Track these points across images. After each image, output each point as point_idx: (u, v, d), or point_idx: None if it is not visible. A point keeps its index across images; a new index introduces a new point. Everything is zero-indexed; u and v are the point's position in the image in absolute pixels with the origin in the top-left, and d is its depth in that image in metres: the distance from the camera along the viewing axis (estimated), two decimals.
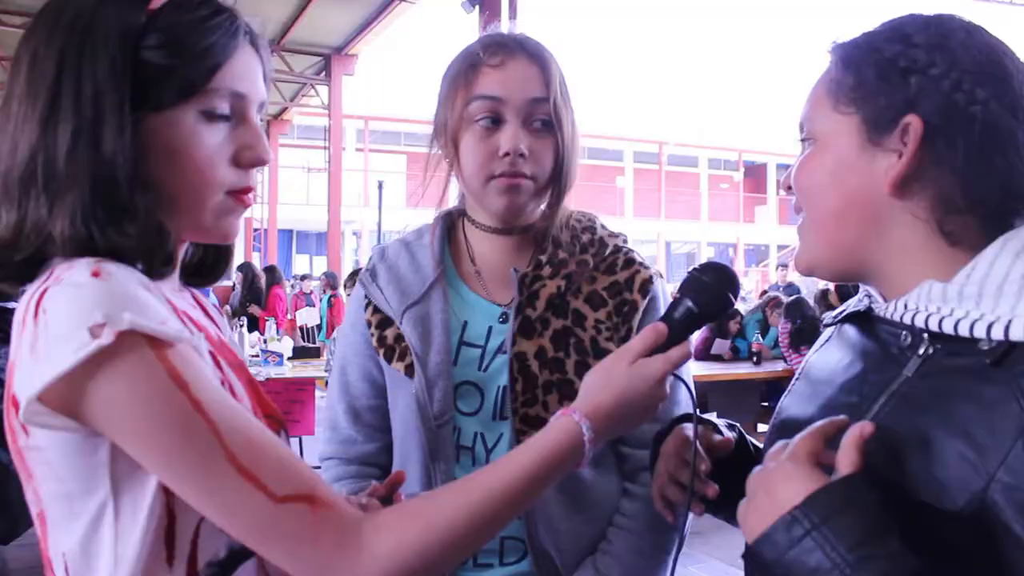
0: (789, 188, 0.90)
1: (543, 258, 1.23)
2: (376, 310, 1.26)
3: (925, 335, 0.80)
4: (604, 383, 0.89)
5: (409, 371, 1.20)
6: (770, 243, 26.90)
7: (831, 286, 7.01)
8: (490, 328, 1.22)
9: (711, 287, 0.93)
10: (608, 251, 1.26)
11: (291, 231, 25.81)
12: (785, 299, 7.62)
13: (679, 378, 0.97)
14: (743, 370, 6.56)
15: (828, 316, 1.02)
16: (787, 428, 0.94)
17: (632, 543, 1.21)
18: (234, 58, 0.83)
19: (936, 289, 0.79)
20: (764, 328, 7.61)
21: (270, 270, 10.48)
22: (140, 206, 0.78)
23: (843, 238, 0.84)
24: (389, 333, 1.23)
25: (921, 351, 0.81)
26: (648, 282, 1.25)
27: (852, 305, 0.96)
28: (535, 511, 1.17)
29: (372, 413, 1.28)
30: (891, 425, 0.78)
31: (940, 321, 0.78)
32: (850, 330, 0.94)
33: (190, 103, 0.81)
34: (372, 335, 1.25)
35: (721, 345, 7.02)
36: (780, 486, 0.74)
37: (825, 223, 0.85)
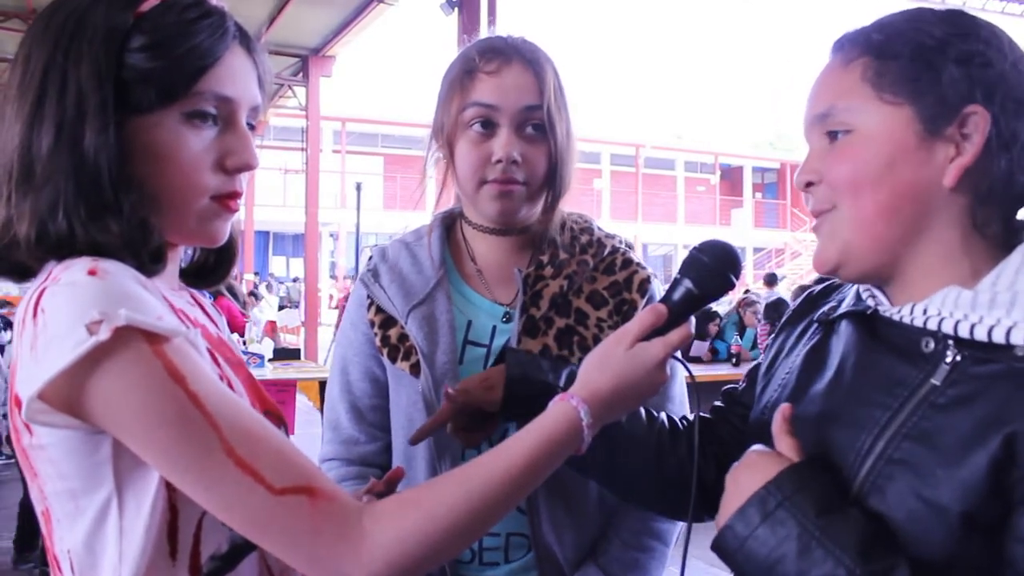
0: (809, 184, 0.88)
1: (544, 258, 1.25)
2: (379, 310, 1.26)
3: (950, 341, 0.80)
4: (602, 367, 0.88)
5: (414, 370, 1.21)
6: (746, 245, 27.07)
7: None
8: (494, 328, 1.23)
9: (711, 267, 0.92)
10: (607, 251, 1.29)
11: (267, 233, 25.64)
12: (757, 298, 7.69)
13: (679, 360, 0.96)
14: (723, 371, 6.61)
15: (814, 312, 1.01)
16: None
17: (632, 538, 1.23)
18: (222, 61, 0.83)
19: (965, 296, 0.79)
20: (740, 329, 7.68)
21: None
22: (124, 205, 0.78)
23: (890, 233, 0.83)
24: (392, 333, 1.24)
25: (949, 358, 0.79)
26: (646, 282, 1.27)
27: (848, 304, 0.93)
28: (539, 508, 1.18)
29: (375, 413, 1.28)
30: (919, 432, 0.79)
31: (972, 328, 0.77)
32: (850, 330, 0.91)
33: (173, 106, 0.81)
34: (375, 335, 1.25)
35: (700, 347, 7.07)
36: (743, 475, 0.83)
37: (873, 218, 0.83)
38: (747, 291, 9.45)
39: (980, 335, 0.77)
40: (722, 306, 8.88)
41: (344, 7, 9.93)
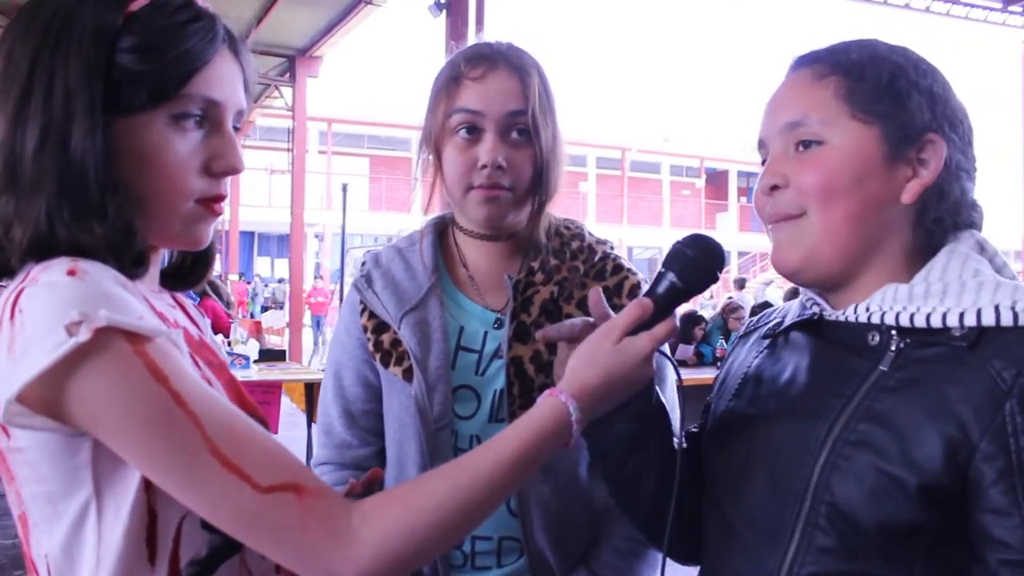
0: (775, 188, 0.91)
1: (535, 264, 1.25)
2: (372, 315, 1.27)
3: (893, 332, 0.86)
4: (590, 362, 0.88)
5: (407, 375, 1.21)
6: (731, 250, 27.18)
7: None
8: (485, 333, 1.24)
9: (695, 261, 0.92)
10: (597, 257, 1.29)
11: (252, 233, 25.54)
12: (742, 304, 7.73)
13: (664, 354, 0.97)
14: (708, 375, 6.61)
15: (762, 326, 1.06)
16: (744, 428, 0.97)
17: (624, 543, 1.23)
18: (211, 64, 0.82)
19: (902, 290, 0.86)
20: (725, 333, 7.71)
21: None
22: (109, 207, 0.77)
23: (853, 241, 0.88)
24: (385, 338, 1.25)
25: (894, 347, 0.86)
26: (636, 287, 1.28)
27: (794, 314, 0.99)
28: (531, 512, 1.19)
29: (367, 417, 1.28)
30: (873, 414, 0.84)
31: (911, 316, 0.85)
32: (799, 337, 0.97)
33: (161, 108, 0.80)
34: (368, 340, 1.26)
35: (685, 351, 7.10)
36: None
37: (840, 226, 0.88)
38: (730, 297, 9.50)
39: (920, 322, 0.84)
40: (707, 311, 8.93)
41: (331, 8, 9.90)
